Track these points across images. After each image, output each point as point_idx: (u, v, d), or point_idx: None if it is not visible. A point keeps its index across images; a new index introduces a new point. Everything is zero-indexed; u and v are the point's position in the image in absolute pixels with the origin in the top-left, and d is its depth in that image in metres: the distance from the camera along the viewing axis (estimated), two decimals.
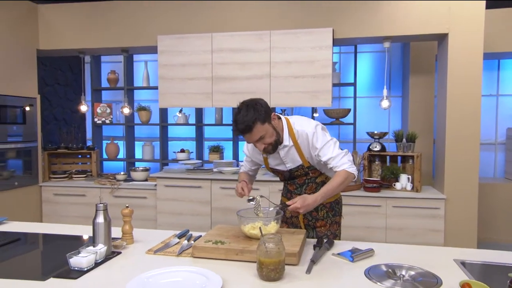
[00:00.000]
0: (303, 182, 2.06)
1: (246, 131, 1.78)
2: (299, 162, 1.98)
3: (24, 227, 2.09)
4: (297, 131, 1.94)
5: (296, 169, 2.01)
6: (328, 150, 1.91)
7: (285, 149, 1.96)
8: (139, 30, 4.04)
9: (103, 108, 4.93)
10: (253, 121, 1.76)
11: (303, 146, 1.95)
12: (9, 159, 3.91)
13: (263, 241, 1.39)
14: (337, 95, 4.90)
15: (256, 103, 1.81)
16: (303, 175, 2.04)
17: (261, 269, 1.37)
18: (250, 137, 1.82)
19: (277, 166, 2.06)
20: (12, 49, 3.93)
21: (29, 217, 4.01)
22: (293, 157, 1.98)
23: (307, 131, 1.91)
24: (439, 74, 3.72)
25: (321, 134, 1.93)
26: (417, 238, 3.44)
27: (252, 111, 1.77)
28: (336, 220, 2.10)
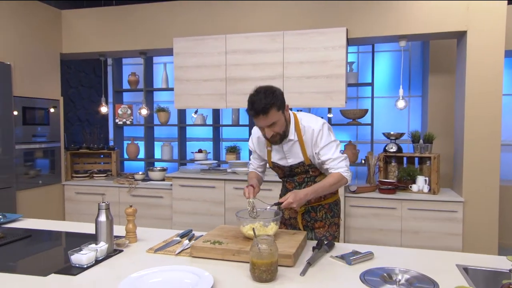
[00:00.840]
0: (303, 181, 2.05)
1: (262, 112, 1.77)
2: (301, 159, 1.98)
3: (37, 224, 2.18)
4: (303, 127, 1.95)
5: (297, 166, 2.01)
6: (329, 151, 1.93)
7: (289, 143, 1.97)
8: (156, 32, 4.13)
9: (124, 109, 5.07)
10: (270, 104, 1.76)
11: (307, 143, 1.95)
12: (34, 159, 4.08)
13: (256, 242, 1.40)
14: (355, 95, 4.83)
15: (274, 90, 1.83)
16: (303, 173, 2.03)
17: (253, 270, 1.38)
18: (264, 120, 1.80)
19: (279, 161, 2.06)
20: (37, 53, 4.11)
21: (52, 215, 4.18)
22: (295, 152, 1.99)
23: (314, 128, 1.93)
24: (458, 73, 3.61)
25: (327, 133, 1.94)
26: (433, 241, 3.35)
27: (271, 95, 1.78)
28: (335, 221, 2.10)
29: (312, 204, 2.05)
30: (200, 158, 4.66)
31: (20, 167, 3.89)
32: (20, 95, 3.85)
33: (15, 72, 3.79)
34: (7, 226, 2.13)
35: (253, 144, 2.16)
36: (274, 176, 3.74)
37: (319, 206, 2.05)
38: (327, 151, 1.93)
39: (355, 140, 4.80)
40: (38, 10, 4.11)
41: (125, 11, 4.23)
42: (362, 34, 3.56)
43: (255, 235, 1.47)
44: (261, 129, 1.90)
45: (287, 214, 2.12)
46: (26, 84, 3.94)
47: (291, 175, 2.07)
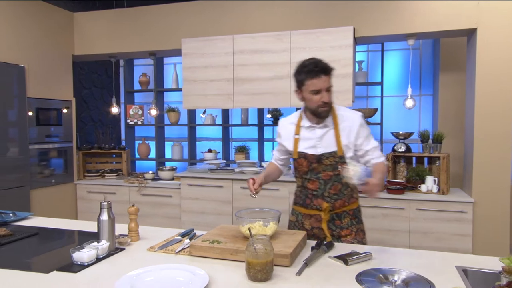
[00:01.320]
0: (329, 179, 1.93)
1: (326, 71, 1.84)
2: (333, 148, 1.92)
3: (46, 222, 2.24)
4: (341, 115, 1.94)
5: (328, 156, 1.91)
6: (369, 141, 1.95)
7: (323, 130, 1.94)
8: (165, 34, 4.18)
9: (135, 109, 5.15)
10: (331, 68, 1.87)
11: (344, 131, 1.92)
12: (47, 159, 4.18)
13: (252, 242, 1.41)
14: (365, 95, 4.80)
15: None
16: (331, 168, 1.92)
17: (249, 270, 1.39)
18: (326, 81, 1.85)
19: (307, 150, 1.95)
20: (51, 55, 4.21)
21: (65, 214, 4.27)
22: (328, 140, 1.93)
23: (355, 118, 1.94)
24: (468, 71, 3.54)
25: (365, 124, 1.98)
26: (442, 242, 3.31)
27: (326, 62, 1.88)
28: (361, 227, 2.03)
29: (337, 211, 1.96)
30: (209, 157, 4.70)
31: (34, 166, 3.99)
32: (33, 96, 3.95)
33: (29, 74, 3.89)
34: (17, 224, 2.19)
35: (279, 134, 2.10)
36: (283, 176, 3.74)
37: (343, 212, 1.97)
38: (369, 142, 1.94)
39: None
40: (51, 13, 4.21)
41: (134, 12, 4.29)
42: (370, 33, 3.53)
43: (251, 235, 1.48)
44: (314, 96, 1.85)
45: (308, 224, 2.00)
46: (39, 86, 4.05)
47: (317, 170, 1.94)
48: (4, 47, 3.67)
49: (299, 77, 1.90)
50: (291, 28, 3.71)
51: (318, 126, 1.94)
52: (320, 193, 1.95)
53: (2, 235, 1.86)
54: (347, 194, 1.98)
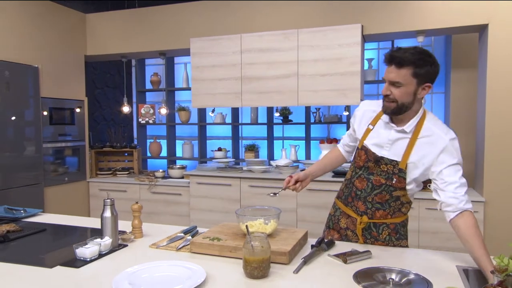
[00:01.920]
0: (379, 185, 1.71)
1: (395, 61, 1.55)
2: (398, 158, 1.66)
3: (54, 219, 2.30)
4: (428, 128, 1.63)
5: (387, 162, 1.68)
6: (456, 173, 1.59)
7: (399, 135, 1.67)
8: (174, 33, 4.22)
9: (147, 108, 5.22)
10: (410, 61, 1.53)
11: (420, 147, 1.62)
12: (61, 157, 4.28)
13: (249, 239, 1.42)
14: (375, 93, 4.75)
15: (430, 56, 1.58)
16: (385, 176, 1.70)
17: (245, 267, 1.40)
18: (392, 72, 1.57)
19: (372, 145, 1.73)
20: (63, 56, 4.30)
21: (78, 211, 4.37)
22: (398, 148, 1.67)
23: (446, 138, 1.60)
24: (480, 68, 3.48)
25: (458, 151, 1.62)
26: (452, 242, 3.25)
27: (418, 56, 1.55)
28: (402, 244, 1.79)
29: (376, 221, 1.76)
30: (219, 156, 4.74)
31: (47, 164, 4.09)
32: (47, 96, 4.05)
33: (43, 74, 3.99)
34: (27, 221, 2.25)
35: (355, 117, 1.85)
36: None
37: (383, 224, 1.75)
38: (453, 173, 1.58)
39: None
40: (64, 14, 4.30)
41: (144, 13, 4.35)
42: (378, 30, 3.50)
43: (248, 232, 1.49)
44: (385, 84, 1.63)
45: (344, 223, 1.86)
46: (53, 86, 4.14)
47: (370, 170, 1.74)
48: (19, 49, 3.77)
49: None
50: (299, 27, 3.71)
51: (395, 128, 1.68)
52: (363, 196, 1.76)
53: (11, 230, 1.92)
54: (394, 207, 1.75)
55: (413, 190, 1.74)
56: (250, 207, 1.91)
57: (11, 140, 3.67)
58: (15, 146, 3.71)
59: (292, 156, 4.48)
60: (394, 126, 1.68)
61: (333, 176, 3.60)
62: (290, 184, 1.86)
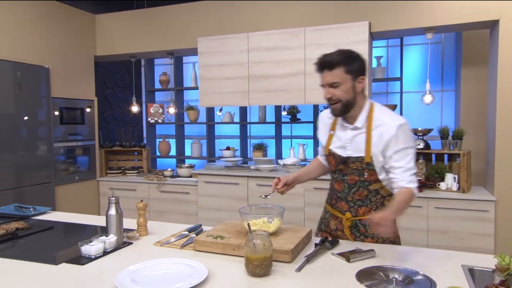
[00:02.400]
0: (354, 184, 1.80)
1: (326, 66, 1.66)
2: (361, 153, 1.75)
3: (62, 217, 2.33)
4: (377, 120, 1.73)
5: (354, 160, 1.77)
6: (404, 158, 1.68)
7: (354, 132, 1.77)
8: (182, 33, 4.24)
9: (156, 108, 5.26)
10: (339, 61, 1.65)
11: (376, 138, 1.72)
12: (71, 156, 4.34)
13: (251, 237, 1.42)
14: (384, 90, 4.71)
15: (353, 52, 1.71)
16: (357, 174, 1.78)
17: (247, 265, 1.40)
18: (326, 76, 1.68)
19: (336, 149, 1.84)
20: (74, 56, 4.36)
21: (88, 209, 4.42)
22: (357, 144, 1.77)
23: (393, 125, 1.69)
24: (491, 64, 3.41)
25: (406, 135, 1.70)
26: (462, 242, 3.21)
27: (345, 55, 1.67)
28: (391, 239, 1.82)
29: (361, 217, 1.81)
30: (228, 155, 4.75)
31: (58, 164, 4.16)
32: (58, 96, 4.11)
33: (53, 74, 4.05)
34: (36, 218, 2.29)
35: (318, 127, 1.99)
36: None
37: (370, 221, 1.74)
38: (401, 158, 1.67)
39: None
40: (74, 15, 4.36)
41: (152, 13, 4.38)
42: (386, 27, 3.46)
43: (250, 230, 1.49)
44: (323, 90, 1.73)
45: (334, 224, 1.91)
46: (63, 86, 4.20)
47: (343, 172, 1.82)
48: (30, 50, 3.83)
49: None
50: (306, 25, 3.69)
51: (349, 127, 1.79)
52: (344, 196, 1.84)
53: (20, 228, 1.95)
54: (375, 202, 1.80)
55: (385, 177, 1.79)
56: (254, 205, 1.91)
57: (24, 139, 3.74)
58: (28, 145, 3.77)
59: (300, 155, 4.47)
60: (348, 125, 1.80)
61: None
62: (279, 187, 1.89)
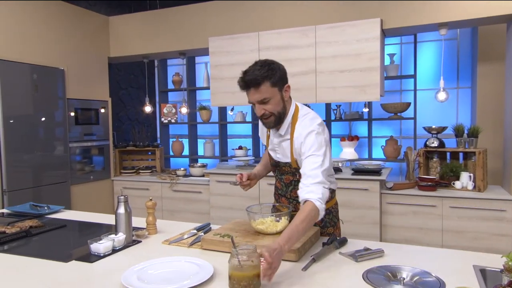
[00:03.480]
0: (289, 183, 1.89)
1: (252, 84, 1.62)
2: (288, 159, 1.82)
3: (75, 215, 2.38)
4: (297, 128, 1.74)
5: (283, 165, 1.86)
6: (308, 165, 1.63)
7: (280, 138, 1.81)
8: (193, 33, 4.27)
9: (169, 108, 5.30)
10: (263, 77, 1.62)
11: (296, 145, 1.74)
12: (86, 156, 4.42)
13: (235, 252, 1.24)
14: (398, 88, 4.63)
15: (272, 63, 1.70)
16: (291, 174, 1.86)
17: (232, 285, 1.23)
18: (254, 94, 1.64)
19: (271, 151, 1.91)
20: (88, 58, 4.44)
21: (102, 208, 4.49)
22: (284, 150, 1.82)
23: (305, 127, 1.70)
24: (508, 60, 3.32)
25: (313, 140, 1.66)
26: (478, 242, 3.14)
27: (266, 68, 1.64)
28: (327, 231, 1.89)
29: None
30: (240, 154, 4.76)
31: (74, 163, 4.24)
32: (73, 97, 4.19)
33: (68, 76, 4.13)
34: (50, 217, 2.34)
35: (259, 128, 2.03)
36: None
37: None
38: (307, 164, 1.63)
39: (398, 135, 4.61)
40: (88, 18, 4.44)
41: (164, 13, 4.42)
42: (398, 24, 3.41)
43: (234, 245, 1.30)
44: (253, 106, 1.72)
45: None
46: (78, 87, 4.28)
47: (280, 171, 1.91)
48: (45, 52, 3.92)
49: None
50: (316, 23, 3.67)
51: (278, 132, 1.81)
52: (283, 193, 1.95)
53: (34, 226, 2.00)
54: None
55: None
56: (262, 204, 1.91)
57: (41, 140, 3.82)
58: (45, 146, 3.86)
59: None
60: (277, 131, 1.82)
61: (352, 174, 3.54)
62: (243, 180, 1.94)
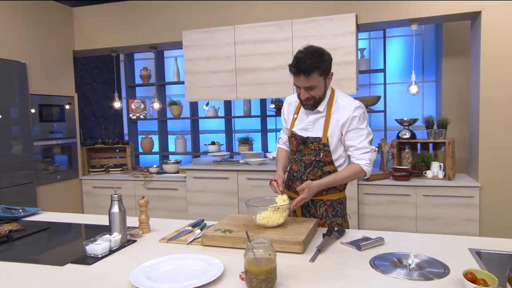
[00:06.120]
0: (310, 163, 1.94)
1: (305, 72, 1.73)
2: (320, 135, 1.91)
3: (55, 217, 2.24)
4: (337, 104, 1.88)
5: (313, 140, 1.92)
6: (356, 138, 1.85)
7: (316, 115, 1.92)
8: (165, 26, 4.15)
9: (137, 104, 5.13)
10: (315, 67, 1.73)
11: (334, 121, 1.87)
12: (52, 155, 4.19)
13: (251, 246, 1.23)
14: (367, 82, 4.77)
15: (323, 53, 1.78)
16: (314, 154, 1.93)
17: (250, 280, 1.20)
18: (304, 81, 1.78)
19: (299, 131, 1.98)
20: (51, 52, 4.19)
21: (71, 209, 4.29)
22: (318, 126, 1.92)
23: (349, 107, 1.85)
24: (472, 55, 3.52)
25: (362, 118, 1.86)
26: (449, 228, 3.31)
27: (318, 58, 1.74)
28: (337, 221, 1.96)
29: (313, 198, 1.90)
30: (213, 150, 4.70)
31: (39, 163, 3.99)
32: (36, 93, 3.94)
33: (31, 70, 3.88)
34: (27, 220, 2.20)
35: (283, 112, 2.10)
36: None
37: (319, 201, 1.93)
38: (354, 137, 1.85)
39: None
40: (50, 8, 4.18)
41: (134, 5, 4.26)
42: (372, 19, 3.50)
43: (249, 239, 1.31)
44: (297, 88, 1.85)
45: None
46: (41, 82, 4.03)
47: (302, 152, 1.97)
48: (5, 45, 3.65)
49: None
50: (293, 17, 3.68)
51: (311, 112, 1.92)
52: (299, 176, 1.97)
53: (14, 230, 1.86)
54: None
55: (340, 162, 1.94)
56: (258, 198, 1.90)
57: (0, 139, 3.56)
58: (5, 145, 3.60)
59: None
60: (310, 110, 1.92)
61: None
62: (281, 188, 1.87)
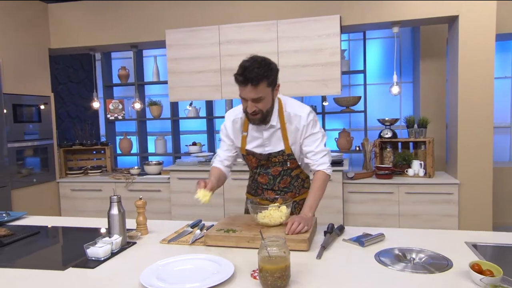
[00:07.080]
0: (278, 174, 1.91)
1: (253, 81, 1.63)
2: (281, 147, 1.86)
3: (42, 221, 2.16)
4: (288, 114, 1.82)
5: (276, 155, 1.87)
6: (313, 143, 1.83)
7: (270, 130, 1.84)
8: (147, 25, 4.06)
9: (115, 104, 5.00)
10: (263, 76, 1.64)
11: (290, 130, 1.83)
12: (27, 157, 4.01)
13: (265, 245, 1.23)
14: (347, 83, 4.87)
15: (271, 63, 1.70)
16: (280, 165, 1.90)
17: (265, 278, 1.20)
18: (251, 91, 1.66)
19: (254, 149, 1.89)
20: (25, 49, 4.01)
21: (48, 212, 4.12)
22: (276, 140, 1.85)
23: (302, 115, 1.81)
24: (450, 57, 3.67)
25: (314, 122, 1.85)
26: (431, 224, 3.43)
27: (266, 67, 1.66)
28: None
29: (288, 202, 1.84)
30: (194, 150, 4.65)
31: (13, 166, 3.81)
32: (9, 92, 3.76)
33: (4, 69, 3.70)
34: (12, 224, 2.10)
35: (226, 129, 1.94)
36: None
37: (293, 203, 1.90)
38: (310, 142, 1.83)
39: (348, 127, 4.85)
40: (24, 4, 4.00)
41: (114, 3, 4.14)
42: (355, 21, 3.57)
43: (262, 237, 1.29)
44: (243, 101, 1.73)
45: None
46: (15, 81, 3.85)
47: (266, 166, 1.92)
48: None
49: None
50: (279, 17, 3.70)
51: (265, 127, 1.82)
52: (270, 187, 1.95)
53: (3, 235, 1.78)
54: (297, 186, 1.97)
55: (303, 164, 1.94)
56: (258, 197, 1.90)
57: None
58: None
59: None
60: (263, 125, 1.83)
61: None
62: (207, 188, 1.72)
